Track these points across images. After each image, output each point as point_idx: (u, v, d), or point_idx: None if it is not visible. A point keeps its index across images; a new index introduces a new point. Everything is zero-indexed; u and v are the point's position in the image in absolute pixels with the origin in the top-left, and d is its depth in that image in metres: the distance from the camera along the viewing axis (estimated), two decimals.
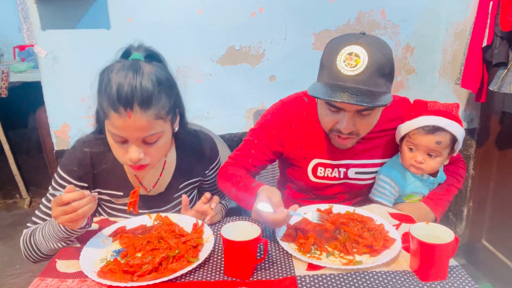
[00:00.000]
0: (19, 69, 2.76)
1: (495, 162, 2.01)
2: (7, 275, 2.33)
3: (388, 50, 1.07)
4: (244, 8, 1.97)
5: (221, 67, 2.03)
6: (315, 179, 1.31)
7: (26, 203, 3.21)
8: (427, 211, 1.23)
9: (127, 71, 0.94)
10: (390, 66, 1.07)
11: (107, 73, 0.96)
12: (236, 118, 2.12)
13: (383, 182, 1.27)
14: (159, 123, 0.98)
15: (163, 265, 0.91)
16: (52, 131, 1.95)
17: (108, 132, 0.99)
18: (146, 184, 1.19)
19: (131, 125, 0.94)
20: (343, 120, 1.11)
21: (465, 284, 0.86)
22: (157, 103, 0.96)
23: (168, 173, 1.21)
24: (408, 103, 1.31)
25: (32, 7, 1.76)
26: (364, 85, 1.02)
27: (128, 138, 0.97)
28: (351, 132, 1.14)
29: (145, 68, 0.96)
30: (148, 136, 0.98)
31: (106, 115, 0.96)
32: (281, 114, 1.28)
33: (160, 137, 1.01)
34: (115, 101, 0.92)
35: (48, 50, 1.82)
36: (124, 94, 0.91)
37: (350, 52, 1.03)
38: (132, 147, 0.98)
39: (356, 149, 1.26)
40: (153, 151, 1.02)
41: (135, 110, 0.93)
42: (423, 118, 1.18)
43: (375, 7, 2.08)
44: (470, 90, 1.85)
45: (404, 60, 2.21)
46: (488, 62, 1.76)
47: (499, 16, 1.66)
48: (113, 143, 1.01)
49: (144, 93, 0.93)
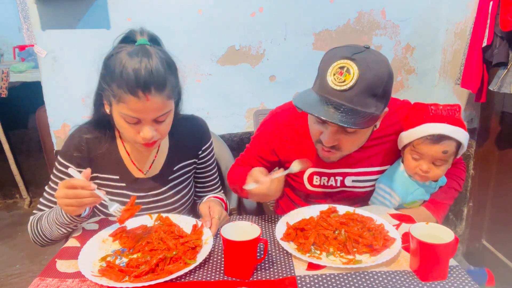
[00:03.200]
0: (19, 69, 2.76)
1: (495, 162, 2.01)
2: (7, 275, 2.33)
3: (384, 69, 1.02)
4: (244, 8, 1.97)
5: (221, 67, 2.03)
6: (312, 188, 1.30)
7: (26, 203, 3.21)
8: (428, 216, 1.21)
9: (141, 56, 0.98)
10: (383, 87, 1.01)
11: (118, 59, 0.99)
12: (236, 118, 2.12)
13: (383, 191, 1.24)
14: (170, 102, 1.05)
15: (160, 266, 0.91)
16: (52, 131, 1.95)
17: (120, 114, 1.02)
18: (141, 167, 1.22)
19: (149, 107, 0.99)
20: (325, 133, 1.09)
21: (465, 284, 0.86)
22: (169, 84, 1.02)
23: (162, 156, 1.25)
24: (408, 106, 1.28)
25: (32, 7, 1.76)
26: (349, 103, 0.99)
27: (143, 119, 1.02)
28: (333, 147, 1.11)
29: (153, 52, 1.01)
30: (161, 115, 1.04)
31: (121, 99, 0.99)
32: (273, 126, 1.29)
33: (169, 115, 1.08)
34: (133, 85, 0.96)
35: (48, 50, 1.83)
36: (142, 78, 0.96)
37: (342, 66, 1.00)
38: (146, 127, 1.03)
39: (353, 158, 1.24)
40: (162, 128, 1.08)
41: (152, 93, 0.98)
42: (427, 127, 1.13)
43: (375, 7, 2.08)
44: (470, 90, 1.85)
45: (404, 60, 2.21)
46: (488, 62, 1.76)
47: (499, 16, 1.65)
48: (125, 125, 1.04)
49: (159, 76, 0.98)
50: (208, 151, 1.33)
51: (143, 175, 1.22)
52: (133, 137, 1.06)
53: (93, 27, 1.84)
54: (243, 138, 2.12)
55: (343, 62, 1.00)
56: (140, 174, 1.22)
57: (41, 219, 1.12)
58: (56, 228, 1.07)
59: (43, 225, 1.10)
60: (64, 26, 1.82)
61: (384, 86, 1.01)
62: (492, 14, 1.69)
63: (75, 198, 0.95)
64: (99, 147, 1.17)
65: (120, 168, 1.20)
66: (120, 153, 1.20)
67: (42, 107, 1.96)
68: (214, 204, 1.18)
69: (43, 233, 1.11)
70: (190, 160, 1.30)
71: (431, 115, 1.14)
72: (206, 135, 1.33)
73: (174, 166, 1.26)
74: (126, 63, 0.97)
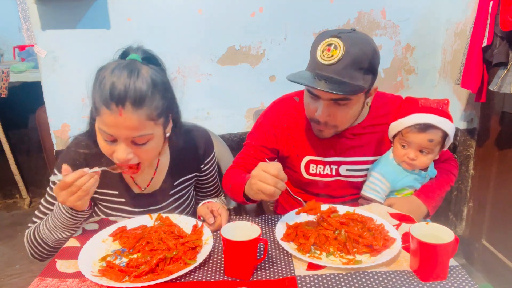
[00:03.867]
0: (19, 69, 2.76)
1: (495, 162, 2.01)
2: (7, 275, 2.33)
3: (368, 46, 1.11)
4: (244, 8, 1.97)
5: (221, 67, 2.03)
6: (308, 176, 1.34)
7: (26, 203, 3.21)
8: (419, 204, 1.25)
9: (123, 70, 0.95)
10: (369, 61, 1.11)
11: (103, 71, 0.98)
12: (236, 118, 2.12)
13: (374, 178, 1.29)
14: (150, 124, 0.98)
15: (159, 266, 0.91)
16: (52, 131, 1.95)
17: (99, 130, 1.00)
18: (140, 183, 1.20)
19: (122, 123, 0.94)
20: (319, 108, 1.16)
21: (465, 284, 0.86)
22: (150, 104, 0.96)
23: (162, 172, 1.21)
24: (399, 100, 1.35)
25: (32, 7, 1.76)
26: (338, 75, 1.09)
27: (118, 136, 0.97)
28: (326, 122, 1.19)
29: (141, 68, 0.97)
30: (137, 136, 0.98)
31: (98, 112, 0.96)
32: (273, 114, 1.34)
33: (150, 139, 1.01)
34: (107, 97, 0.93)
35: (48, 50, 1.83)
36: (117, 91, 0.92)
37: (330, 43, 1.10)
38: (121, 146, 0.98)
39: (345, 145, 1.30)
40: (142, 153, 1.01)
41: (126, 108, 0.93)
42: (415, 116, 1.21)
43: (375, 7, 2.08)
44: (470, 90, 1.85)
45: (404, 60, 2.21)
46: (488, 62, 1.76)
47: (499, 16, 1.65)
48: (103, 142, 1.01)
49: (137, 92, 0.94)
50: (211, 163, 1.31)
51: (142, 191, 1.20)
52: (109, 156, 1.02)
53: (93, 27, 1.84)
54: (243, 138, 2.12)
55: (330, 40, 1.10)
56: (139, 190, 1.20)
57: (38, 229, 1.08)
58: (60, 232, 1.04)
59: (42, 233, 1.07)
60: (64, 26, 1.82)
61: (369, 60, 1.11)
62: (492, 14, 1.69)
63: (82, 189, 0.95)
64: (98, 163, 1.10)
65: (119, 184, 1.17)
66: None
67: (42, 107, 1.96)
68: (212, 203, 1.18)
69: (45, 242, 1.07)
70: (191, 174, 1.27)
71: (420, 106, 1.22)
72: (208, 148, 1.29)
73: (175, 181, 1.23)
74: (107, 75, 0.95)
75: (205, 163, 1.29)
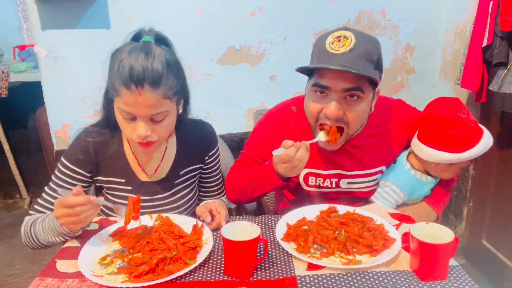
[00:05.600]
0: (19, 69, 2.76)
1: (495, 162, 2.01)
2: (7, 275, 2.33)
3: (377, 43, 1.10)
4: (244, 8, 1.97)
5: (221, 67, 2.03)
6: (308, 188, 1.31)
7: (26, 203, 3.21)
8: (429, 211, 1.24)
9: (139, 52, 0.99)
10: (378, 56, 1.09)
11: (119, 53, 1.01)
12: (236, 118, 2.12)
13: (389, 189, 1.25)
14: (167, 102, 1.03)
15: (160, 266, 0.91)
16: (52, 131, 1.95)
17: (118, 109, 1.03)
18: (148, 170, 1.22)
19: (141, 102, 0.99)
20: (330, 104, 1.09)
21: (465, 284, 0.86)
22: (166, 83, 1.01)
23: (169, 159, 1.24)
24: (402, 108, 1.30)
25: (32, 7, 1.76)
26: (351, 64, 1.03)
27: (137, 115, 1.02)
28: (338, 120, 1.10)
29: (155, 50, 1.01)
30: (155, 114, 1.02)
31: (117, 92, 1.00)
32: (269, 126, 1.31)
33: (166, 116, 1.06)
34: (127, 79, 0.97)
35: (48, 50, 1.83)
36: (136, 73, 0.97)
37: (339, 36, 1.07)
38: (140, 124, 1.03)
39: (345, 158, 1.25)
40: (159, 129, 1.06)
41: (145, 88, 0.98)
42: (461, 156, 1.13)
43: (375, 7, 2.08)
44: (470, 90, 1.85)
45: (404, 60, 2.21)
46: (488, 62, 1.76)
47: (499, 16, 1.66)
48: (122, 121, 1.05)
49: (154, 73, 0.98)
50: (214, 157, 1.33)
51: (149, 179, 1.21)
52: (129, 135, 1.06)
53: (93, 27, 1.84)
54: (243, 138, 2.13)
55: (339, 32, 1.07)
56: (146, 177, 1.21)
57: (35, 224, 1.09)
58: (51, 236, 1.05)
59: (37, 230, 1.07)
60: (64, 26, 1.82)
61: (378, 54, 1.09)
62: (492, 14, 1.69)
63: (78, 216, 0.93)
64: (106, 151, 1.16)
65: (126, 172, 1.19)
66: (127, 156, 1.19)
67: (42, 107, 1.96)
68: (210, 202, 1.19)
69: (36, 238, 1.08)
70: (196, 165, 1.29)
71: (460, 137, 1.13)
72: (213, 141, 1.32)
73: (180, 171, 1.25)
74: (125, 57, 0.99)
75: (209, 155, 1.31)
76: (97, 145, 1.16)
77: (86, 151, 1.15)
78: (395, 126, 1.28)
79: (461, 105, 1.16)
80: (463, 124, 1.12)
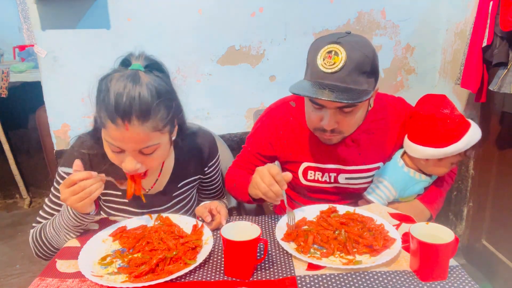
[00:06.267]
0: (19, 69, 2.76)
1: (495, 162, 2.01)
2: (7, 275, 2.33)
3: (369, 49, 1.08)
4: (244, 8, 1.97)
5: (221, 67, 2.03)
6: (307, 182, 1.33)
7: (26, 203, 3.21)
8: (422, 209, 1.25)
9: (126, 81, 0.92)
10: (371, 64, 1.08)
11: (105, 82, 0.95)
12: (236, 118, 2.12)
13: (383, 185, 1.26)
14: (156, 135, 0.98)
15: (160, 266, 0.91)
16: (52, 131, 1.95)
17: (105, 141, 0.99)
18: (144, 185, 1.19)
19: (128, 137, 0.94)
20: (325, 117, 1.13)
21: (465, 284, 0.86)
22: (155, 115, 0.95)
23: (166, 174, 1.21)
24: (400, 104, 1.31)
25: (32, 7, 1.76)
26: (342, 83, 1.05)
27: (125, 149, 0.97)
28: (333, 130, 1.15)
29: (144, 79, 0.95)
30: (144, 148, 0.97)
31: (104, 125, 0.95)
32: (269, 121, 1.32)
33: (156, 148, 1.00)
34: (113, 112, 0.91)
35: (48, 50, 1.82)
36: (122, 105, 0.91)
37: (330, 51, 1.06)
38: (128, 158, 0.98)
39: (344, 152, 1.27)
40: (149, 161, 1.02)
41: (132, 122, 0.92)
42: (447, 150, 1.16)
43: (375, 7, 2.08)
44: (470, 90, 1.85)
45: (404, 60, 2.21)
46: (488, 62, 1.76)
47: (499, 16, 1.65)
48: (109, 152, 1.01)
49: (142, 105, 0.92)
50: (214, 166, 1.31)
51: (146, 192, 1.20)
52: (118, 165, 1.02)
53: (93, 27, 1.84)
54: (243, 138, 2.12)
55: (330, 46, 1.06)
56: (143, 191, 1.18)
57: (44, 228, 1.08)
58: (64, 233, 1.04)
59: (48, 233, 1.07)
60: (64, 26, 1.81)
61: (371, 63, 1.08)
62: (492, 14, 1.69)
63: (84, 190, 0.93)
64: (102, 163, 1.11)
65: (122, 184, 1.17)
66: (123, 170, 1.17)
67: (42, 107, 1.96)
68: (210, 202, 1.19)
69: (49, 243, 1.07)
70: (195, 176, 1.27)
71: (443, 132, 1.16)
72: (213, 151, 1.29)
73: (178, 183, 1.23)
74: (111, 88, 0.92)
75: (209, 166, 1.29)
76: (93, 158, 1.12)
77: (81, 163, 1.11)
78: (394, 123, 1.29)
79: (445, 101, 1.18)
80: (445, 120, 1.16)
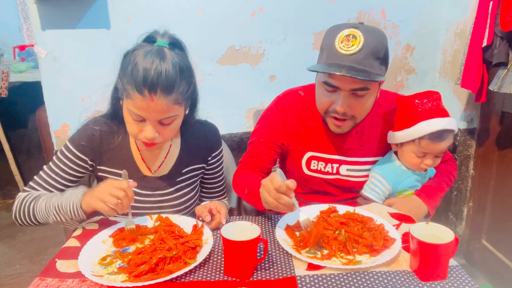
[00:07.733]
0: (19, 69, 2.76)
1: (495, 162, 2.01)
2: (7, 275, 2.33)
3: (383, 38, 1.15)
4: (244, 8, 1.97)
5: (221, 67, 2.03)
6: (309, 172, 1.34)
7: None
8: (419, 204, 1.25)
9: (154, 57, 0.99)
10: (385, 51, 1.14)
11: (133, 56, 1.02)
12: (236, 118, 2.12)
13: (375, 179, 1.29)
14: (176, 107, 1.05)
15: (160, 266, 0.92)
16: (52, 131, 1.95)
17: (127, 110, 1.05)
18: (151, 166, 1.23)
19: (153, 108, 1.01)
20: (338, 100, 1.16)
21: (465, 284, 0.86)
22: (178, 89, 1.02)
23: (172, 157, 1.25)
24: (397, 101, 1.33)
25: (32, 7, 1.76)
26: (359, 65, 1.10)
27: (147, 118, 1.04)
28: (345, 114, 1.18)
29: (169, 55, 1.02)
30: (165, 118, 1.04)
31: (129, 95, 1.01)
32: (278, 109, 1.34)
33: (174, 119, 1.08)
34: (140, 84, 0.98)
35: (48, 50, 1.83)
36: (150, 79, 0.98)
37: (348, 34, 1.11)
38: (149, 127, 1.04)
39: (347, 143, 1.30)
40: (166, 132, 1.08)
41: (158, 94, 0.99)
42: (425, 125, 1.18)
43: (375, 7, 2.08)
44: (470, 90, 1.85)
45: (404, 60, 2.21)
46: (488, 62, 1.76)
47: (499, 16, 1.65)
48: (130, 121, 1.06)
49: (168, 79, 0.99)
50: (218, 157, 1.34)
51: (151, 174, 1.23)
52: (136, 134, 1.08)
53: (93, 27, 1.84)
54: (243, 138, 2.13)
55: (349, 30, 1.12)
56: (149, 172, 1.23)
57: (37, 201, 1.11)
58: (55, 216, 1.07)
59: (37, 208, 1.10)
60: (64, 26, 1.82)
61: (385, 50, 1.14)
62: (492, 14, 1.69)
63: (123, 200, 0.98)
64: (111, 141, 1.19)
65: (129, 164, 1.21)
66: (131, 150, 1.21)
67: (42, 107, 1.96)
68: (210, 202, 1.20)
69: (34, 217, 1.11)
70: (199, 164, 1.30)
71: (419, 111, 1.20)
72: (217, 142, 1.34)
73: (183, 169, 1.26)
74: (139, 62, 1.00)
75: (212, 155, 1.32)
76: (103, 134, 1.18)
77: (91, 139, 1.17)
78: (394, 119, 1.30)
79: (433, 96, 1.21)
80: (416, 107, 1.20)
